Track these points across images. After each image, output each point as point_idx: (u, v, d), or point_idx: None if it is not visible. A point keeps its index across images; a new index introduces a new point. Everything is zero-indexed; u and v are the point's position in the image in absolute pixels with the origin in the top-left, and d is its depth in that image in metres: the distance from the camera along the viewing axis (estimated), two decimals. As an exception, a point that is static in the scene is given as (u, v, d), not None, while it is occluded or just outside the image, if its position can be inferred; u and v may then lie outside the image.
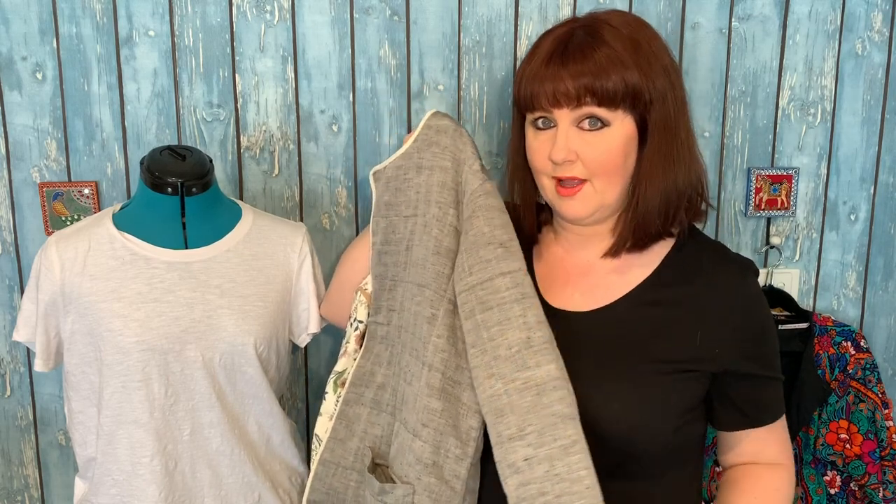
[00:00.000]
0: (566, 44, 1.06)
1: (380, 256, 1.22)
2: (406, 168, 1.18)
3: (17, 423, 1.59)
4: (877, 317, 1.70)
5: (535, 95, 1.06)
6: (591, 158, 1.06)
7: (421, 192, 1.17)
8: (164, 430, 1.21)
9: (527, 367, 1.01)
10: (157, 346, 1.18)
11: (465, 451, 1.09)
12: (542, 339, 1.03)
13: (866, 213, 1.66)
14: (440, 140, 1.16)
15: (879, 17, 1.58)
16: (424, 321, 1.12)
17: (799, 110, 1.60)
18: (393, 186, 1.20)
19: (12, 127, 1.47)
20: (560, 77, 1.04)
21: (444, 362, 1.10)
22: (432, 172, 1.15)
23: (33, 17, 1.43)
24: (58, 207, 1.48)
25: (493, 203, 1.12)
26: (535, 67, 1.07)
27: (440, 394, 1.09)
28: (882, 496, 1.56)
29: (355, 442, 1.23)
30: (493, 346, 1.04)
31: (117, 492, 1.22)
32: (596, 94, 1.03)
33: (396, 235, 1.20)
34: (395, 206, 1.20)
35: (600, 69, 1.03)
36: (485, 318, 1.05)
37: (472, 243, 1.10)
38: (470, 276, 1.08)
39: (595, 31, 1.06)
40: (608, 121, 1.05)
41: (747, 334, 1.09)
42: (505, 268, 1.07)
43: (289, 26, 1.47)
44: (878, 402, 1.57)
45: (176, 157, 1.24)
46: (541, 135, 1.09)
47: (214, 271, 1.23)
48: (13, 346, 1.55)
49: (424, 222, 1.15)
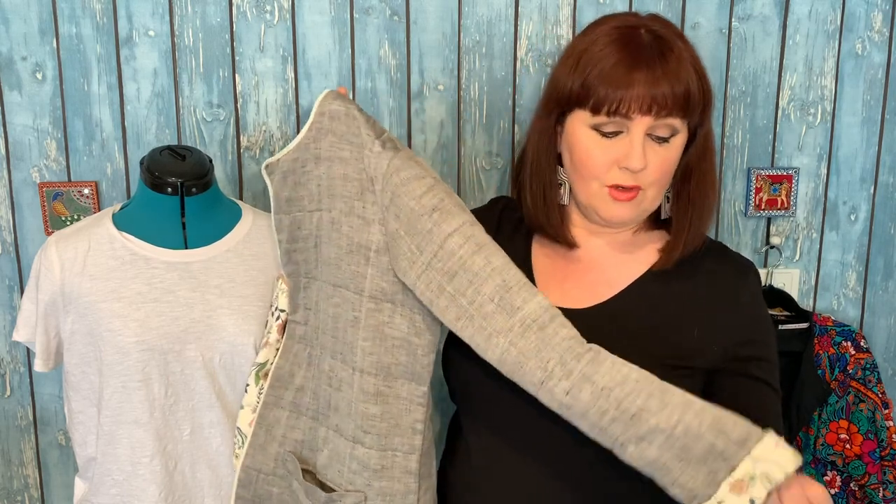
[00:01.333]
0: (642, 47, 1.03)
1: (289, 255, 1.17)
2: (304, 160, 1.12)
3: (17, 423, 1.59)
4: (877, 317, 1.70)
5: (625, 99, 1.01)
6: (656, 167, 1.05)
7: (323, 185, 1.12)
8: (164, 430, 1.21)
9: (516, 309, 0.98)
10: (157, 346, 1.18)
11: (413, 444, 1.08)
12: (516, 277, 1.00)
13: (866, 213, 1.66)
14: (335, 127, 1.10)
15: (879, 17, 1.58)
16: (348, 325, 1.09)
17: (799, 110, 1.60)
18: (291, 181, 1.14)
19: (12, 127, 1.47)
20: (656, 82, 1.01)
21: (375, 365, 1.07)
22: (332, 164, 1.10)
23: (33, 17, 1.43)
24: (58, 207, 1.48)
25: (408, 175, 1.05)
26: (619, 69, 1.02)
27: (376, 398, 1.07)
28: (882, 496, 1.56)
29: (275, 447, 1.20)
30: (476, 307, 1.00)
31: (117, 492, 1.22)
32: (687, 102, 1.02)
33: (303, 231, 1.15)
34: (296, 202, 1.14)
35: (690, 76, 1.03)
36: (455, 285, 1.01)
37: (406, 223, 1.04)
38: (421, 254, 1.03)
39: (661, 37, 1.04)
40: (679, 130, 1.05)
41: (745, 333, 1.08)
42: (447, 228, 1.02)
43: (289, 26, 1.47)
44: (878, 402, 1.57)
45: (176, 157, 1.24)
46: (604, 140, 1.05)
47: (214, 271, 1.23)
48: (13, 346, 1.56)
49: (332, 218, 1.11)
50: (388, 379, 1.08)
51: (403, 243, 1.05)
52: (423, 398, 1.09)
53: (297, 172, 1.13)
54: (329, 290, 1.12)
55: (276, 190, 1.15)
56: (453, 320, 1.02)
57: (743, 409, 1.08)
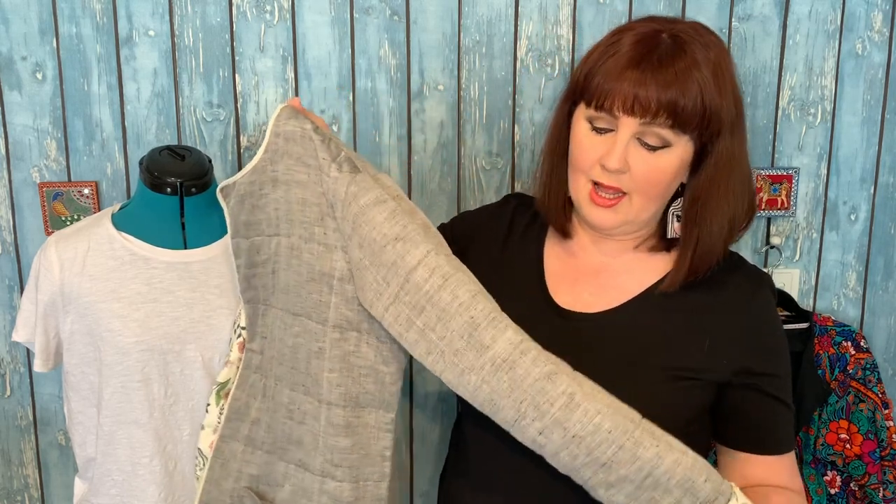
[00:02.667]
0: (652, 49, 1.00)
1: (248, 280, 1.12)
2: (261, 183, 1.08)
3: (17, 423, 1.59)
4: (877, 317, 1.70)
5: (611, 94, 1.00)
6: (641, 174, 1.01)
7: (281, 209, 1.08)
8: (163, 430, 1.21)
9: (485, 348, 0.96)
10: (157, 346, 1.18)
11: (383, 471, 1.07)
12: (484, 311, 0.97)
13: (866, 213, 1.66)
14: (290, 149, 1.05)
15: (879, 17, 1.58)
16: (311, 356, 1.06)
17: (799, 110, 1.60)
18: (249, 204, 1.09)
19: (12, 127, 1.47)
20: (644, 83, 0.98)
21: (343, 396, 1.05)
22: (289, 188, 1.06)
23: (33, 17, 1.43)
24: (58, 207, 1.48)
25: (366, 201, 1.01)
26: (618, 65, 1.00)
27: (346, 430, 1.05)
28: (882, 496, 1.56)
29: (230, 483, 1.15)
30: (446, 343, 0.98)
31: (117, 492, 1.22)
32: (675, 113, 0.98)
33: (262, 256, 1.11)
34: (254, 226, 1.10)
35: (687, 88, 0.98)
36: (424, 320, 0.99)
37: (370, 253, 1.01)
38: (388, 286, 1.00)
39: (683, 44, 1.01)
40: (671, 142, 1.00)
41: (756, 347, 1.07)
42: (411, 260, 0.99)
43: (289, 26, 1.47)
44: (878, 402, 1.57)
45: (175, 157, 1.24)
46: (594, 136, 1.04)
47: (214, 271, 1.23)
48: (13, 346, 1.56)
49: (290, 244, 1.07)
50: (357, 409, 1.06)
51: (369, 274, 1.01)
52: (390, 424, 1.08)
53: (255, 195, 1.09)
54: (288, 318, 1.09)
55: (234, 213, 1.10)
56: (424, 354, 1.00)
57: (752, 425, 1.08)
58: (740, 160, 1.05)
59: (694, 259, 1.07)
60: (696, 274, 1.07)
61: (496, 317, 0.98)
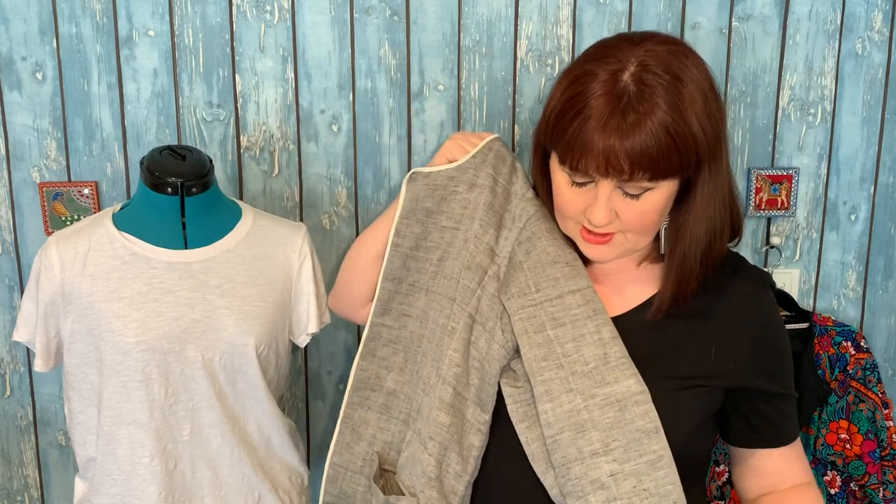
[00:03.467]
0: (616, 104, 0.95)
1: (404, 260, 1.20)
2: (458, 181, 1.17)
3: (17, 423, 1.59)
4: (877, 317, 1.70)
5: (583, 157, 0.96)
6: (629, 219, 1.00)
7: (468, 209, 1.16)
8: (164, 430, 1.21)
9: (606, 383, 1.01)
10: (157, 346, 1.18)
11: (465, 468, 1.09)
12: (618, 354, 1.03)
13: (866, 213, 1.66)
14: (497, 165, 1.16)
15: (879, 17, 1.58)
16: (446, 333, 1.12)
17: (799, 110, 1.60)
18: (439, 195, 1.18)
19: (12, 127, 1.47)
20: (614, 148, 0.94)
21: (457, 377, 1.10)
22: (482, 191, 1.15)
23: (33, 17, 1.43)
24: (58, 207, 1.48)
25: (552, 226, 1.12)
26: (585, 127, 0.96)
27: (449, 408, 1.09)
28: (882, 496, 1.56)
29: (363, 446, 1.23)
30: (568, 361, 1.03)
31: (117, 492, 1.22)
32: (651, 167, 0.95)
33: (429, 243, 1.19)
34: (435, 215, 1.18)
35: (659, 140, 0.94)
36: (557, 333, 1.05)
37: (536, 262, 1.09)
38: (538, 292, 1.07)
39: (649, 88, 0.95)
40: (654, 186, 0.98)
41: (763, 350, 1.08)
42: (574, 285, 1.07)
43: (289, 26, 1.47)
44: (878, 402, 1.57)
45: (176, 157, 1.24)
46: (575, 189, 1.02)
47: (214, 271, 1.23)
48: (13, 346, 1.55)
49: (465, 238, 1.15)
50: (461, 397, 1.10)
51: (522, 275, 1.09)
52: (483, 426, 1.10)
53: (448, 189, 1.18)
54: (444, 302, 1.15)
55: (418, 197, 1.18)
56: (538, 358, 1.04)
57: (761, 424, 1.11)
58: (721, 179, 1.03)
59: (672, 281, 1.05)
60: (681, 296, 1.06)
61: (627, 363, 1.03)
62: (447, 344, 1.11)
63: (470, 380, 1.10)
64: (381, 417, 1.22)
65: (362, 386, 1.23)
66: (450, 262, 1.17)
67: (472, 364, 1.10)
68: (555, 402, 1.02)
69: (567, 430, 1.01)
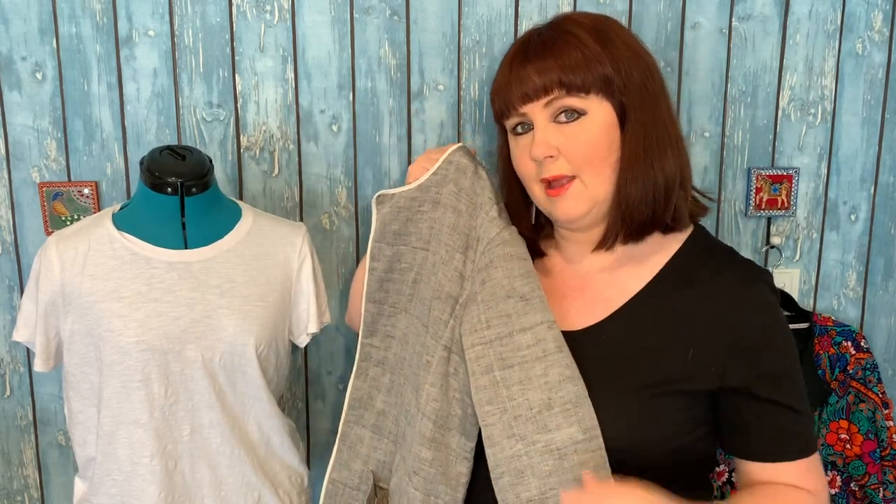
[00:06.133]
0: (527, 44, 1.06)
1: (381, 283, 1.20)
2: (422, 200, 1.16)
3: (17, 423, 1.59)
4: (877, 317, 1.70)
5: (507, 100, 1.05)
6: (573, 151, 1.02)
7: (434, 228, 1.15)
8: (163, 430, 1.21)
9: (547, 430, 0.99)
10: (157, 346, 1.18)
11: (455, 496, 1.09)
12: (563, 399, 1.00)
13: (866, 213, 1.66)
14: (459, 180, 1.14)
15: (879, 17, 1.58)
16: (422, 367, 1.11)
17: (799, 110, 1.60)
18: (404, 216, 1.18)
19: (12, 127, 1.47)
20: (526, 74, 1.03)
21: (436, 412, 1.09)
22: (446, 211, 1.13)
23: (33, 17, 1.43)
24: (57, 207, 1.48)
25: (511, 252, 1.08)
26: (505, 71, 1.07)
27: (430, 443, 1.08)
28: (882, 496, 1.56)
29: (359, 464, 1.24)
30: (513, 405, 1.01)
31: (117, 492, 1.22)
32: (563, 82, 1.01)
33: (402, 265, 1.19)
34: (404, 236, 1.18)
35: (564, 56, 1.02)
36: (504, 375, 1.03)
37: (490, 294, 1.07)
38: (488, 329, 1.05)
39: (557, 26, 1.06)
40: (583, 109, 1.02)
41: (746, 349, 1.00)
42: (526, 323, 1.04)
43: (289, 26, 1.47)
44: (879, 402, 1.57)
45: (176, 157, 1.24)
46: (521, 140, 1.07)
47: (214, 271, 1.23)
48: (13, 346, 1.56)
49: (433, 262, 1.14)
50: (443, 429, 1.09)
51: (475, 309, 1.07)
52: (469, 453, 1.10)
53: (413, 210, 1.17)
54: (419, 327, 1.15)
55: (385, 220, 1.19)
56: (483, 401, 1.03)
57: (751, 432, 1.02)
58: (657, 113, 1.05)
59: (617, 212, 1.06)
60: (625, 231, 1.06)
61: (570, 410, 1.00)
62: (423, 378, 1.10)
63: (452, 411, 1.09)
64: (373, 436, 1.23)
65: (357, 405, 1.24)
66: (422, 285, 1.16)
67: (452, 395, 1.09)
68: (496, 447, 1.02)
69: (507, 475, 1.01)
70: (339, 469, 1.25)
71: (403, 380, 1.18)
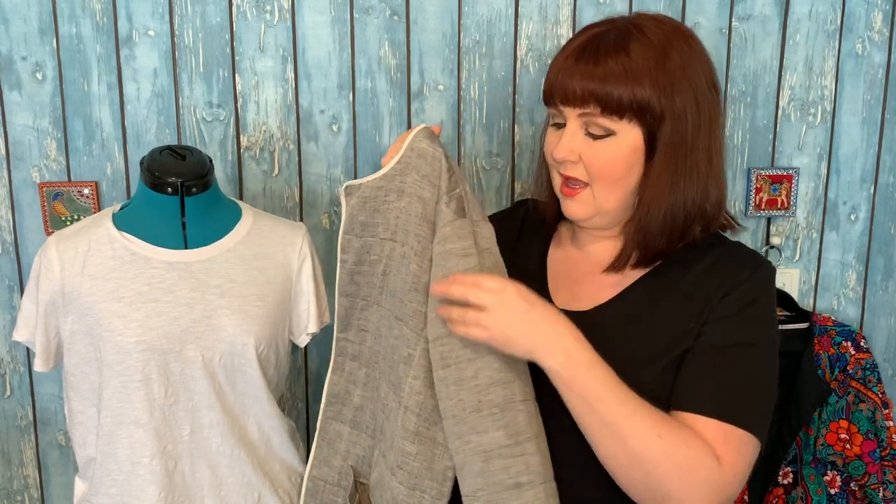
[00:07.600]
0: (595, 44, 1.04)
1: (351, 276, 1.19)
2: (387, 190, 1.14)
3: (17, 423, 1.59)
4: (877, 317, 1.70)
5: (552, 88, 1.06)
6: (592, 164, 1.05)
7: (401, 219, 1.13)
8: (164, 430, 1.20)
9: (476, 431, 1.01)
10: (157, 346, 1.18)
11: (442, 490, 1.09)
12: (491, 403, 1.01)
13: (866, 213, 1.66)
14: (420, 166, 1.11)
15: (879, 17, 1.58)
16: (401, 361, 1.11)
17: (799, 110, 1.60)
18: (370, 207, 1.15)
19: (12, 127, 1.47)
20: (572, 75, 1.03)
21: (420, 405, 1.08)
22: (412, 200, 1.11)
23: (33, 17, 1.43)
24: (58, 207, 1.48)
25: (452, 248, 1.06)
26: (561, 60, 1.06)
27: (414, 437, 1.08)
28: (882, 496, 1.56)
29: (338, 460, 1.23)
30: (451, 404, 1.03)
31: (117, 492, 1.22)
32: (599, 101, 1.01)
33: (372, 257, 1.17)
34: (371, 227, 1.16)
35: (608, 77, 1.01)
36: (443, 375, 1.04)
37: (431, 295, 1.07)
38: (433, 328, 1.06)
39: (624, 36, 1.03)
40: (612, 130, 1.03)
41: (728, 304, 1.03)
42: None
43: (289, 26, 1.47)
44: (878, 402, 1.57)
45: (176, 157, 1.24)
46: (555, 131, 1.10)
47: (214, 271, 1.23)
48: (13, 346, 1.56)
49: (403, 252, 1.12)
50: (428, 422, 1.09)
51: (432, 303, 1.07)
52: None
53: (378, 200, 1.15)
54: (391, 320, 1.14)
55: (352, 212, 1.17)
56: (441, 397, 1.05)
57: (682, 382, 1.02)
58: (693, 147, 1.04)
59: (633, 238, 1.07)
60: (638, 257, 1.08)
61: (497, 414, 1.01)
62: (405, 371, 1.10)
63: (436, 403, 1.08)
64: (352, 432, 1.23)
65: (334, 400, 1.24)
66: (392, 277, 1.14)
67: None
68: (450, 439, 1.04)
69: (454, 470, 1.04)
70: (318, 466, 1.24)
71: (378, 374, 1.18)
